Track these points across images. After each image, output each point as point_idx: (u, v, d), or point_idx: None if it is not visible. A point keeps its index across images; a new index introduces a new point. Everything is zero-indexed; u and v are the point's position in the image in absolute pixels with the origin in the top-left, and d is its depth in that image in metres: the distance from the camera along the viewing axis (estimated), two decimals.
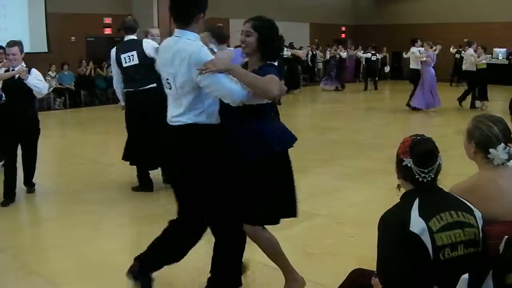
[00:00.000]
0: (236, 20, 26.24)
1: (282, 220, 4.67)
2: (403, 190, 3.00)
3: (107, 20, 22.41)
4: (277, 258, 4.52)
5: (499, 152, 3.04)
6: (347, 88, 24.96)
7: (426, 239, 2.71)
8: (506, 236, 2.82)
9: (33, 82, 7.21)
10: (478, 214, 2.88)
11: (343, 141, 11.74)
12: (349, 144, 11.69)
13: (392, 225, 2.77)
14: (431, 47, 16.65)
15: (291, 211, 4.44)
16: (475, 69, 17.44)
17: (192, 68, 3.83)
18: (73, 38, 20.48)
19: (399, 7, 32.09)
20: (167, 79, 4.04)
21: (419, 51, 16.64)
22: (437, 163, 2.88)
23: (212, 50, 6.22)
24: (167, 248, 4.55)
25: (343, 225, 6.54)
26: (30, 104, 7.49)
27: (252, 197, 4.10)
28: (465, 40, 23.73)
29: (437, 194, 2.90)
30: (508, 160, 3.08)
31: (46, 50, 19.10)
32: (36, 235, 6.27)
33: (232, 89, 3.81)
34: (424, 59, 16.06)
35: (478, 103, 17.47)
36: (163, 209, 7.02)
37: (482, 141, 3.09)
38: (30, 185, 7.80)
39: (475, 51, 17.52)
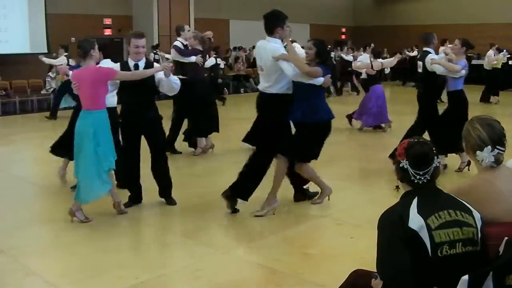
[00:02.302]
0: (236, 21, 26.34)
1: (282, 221, 6.51)
2: (402, 191, 3.03)
3: (107, 21, 22.44)
4: (313, 179, 7.18)
5: (485, 154, 3.09)
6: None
7: (425, 235, 2.75)
8: (506, 238, 2.82)
9: (173, 79, 6.93)
10: (477, 215, 2.90)
11: (343, 142, 11.73)
12: (350, 145, 11.70)
13: (391, 222, 2.81)
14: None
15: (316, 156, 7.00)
16: (490, 68, 19.33)
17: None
18: (73, 38, 20.46)
19: (399, 8, 32.14)
20: (261, 65, 6.83)
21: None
22: (434, 165, 2.92)
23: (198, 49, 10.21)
24: (250, 173, 6.91)
25: (343, 226, 6.54)
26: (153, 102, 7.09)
27: (302, 144, 6.75)
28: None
29: (436, 194, 2.95)
30: (495, 162, 3.12)
31: (46, 51, 19.08)
32: (36, 236, 6.26)
33: (289, 69, 6.50)
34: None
35: (493, 99, 19.15)
36: (157, 210, 7.06)
37: (471, 143, 3.16)
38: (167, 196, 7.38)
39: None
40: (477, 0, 28.79)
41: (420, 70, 9.12)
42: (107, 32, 22.43)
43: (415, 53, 23.78)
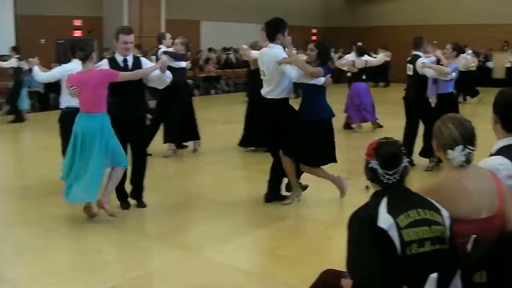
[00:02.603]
0: (206, 22, 26.27)
1: (251, 222, 6.57)
2: (372, 191, 3.04)
3: (77, 23, 22.21)
4: (324, 176, 7.35)
5: (456, 153, 3.11)
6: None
7: (394, 234, 2.77)
8: (474, 235, 2.85)
9: (167, 73, 7.01)
10: (445, 213, 2.93)
11: None
12: None
13: (360, 221, 2.83)
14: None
15: (331, 159, 7.25)
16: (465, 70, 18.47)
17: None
18: (42, 40, 20.25)
19: (370, 9, 32.31)
20: (263, 70, 7.22)
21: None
22: (402, 165, 2.95)
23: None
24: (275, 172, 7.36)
25: (313, 226, 6.57)
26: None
27: (307, 146, 6.95)
28: (434, 42, 24.03)
29: (405, 193, 2.97)
30: (466, 162, 3.15)
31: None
32: (4, 240, 6.18)
33: (293, 71, 6.87)
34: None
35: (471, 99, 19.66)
36: (128, 212, 7.02)
37: (443, 142, 3.17)
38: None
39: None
40: (448, 2, 29.07)
41: (410, 73, 9.40)
42: (77, 33, 22.19)
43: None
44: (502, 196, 3.14)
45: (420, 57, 9.22)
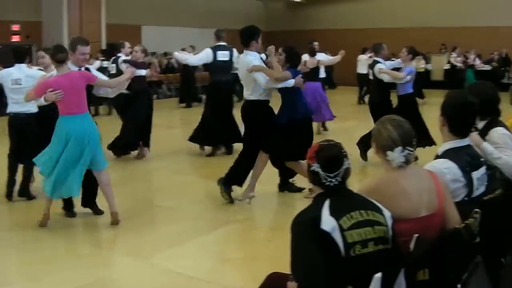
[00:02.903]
0: (148, 27, 26.06)
1: (196, 227, 6.55)
2: (315, 193, 3.07)
3: (15, 27, 21.73)
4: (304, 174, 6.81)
5: (395, 154, 3.18)
6: None
7: (337, 236, 2.80)
8: (416, 235, 2.91)
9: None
10: (387, 213, 2.98)
11: None
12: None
13: (304, 224, 2.84)
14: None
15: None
16: None
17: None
18: None
19: (311, 13, 32.58)
20: (240, 76, 7.62)
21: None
22: (344, 167, 2.98)
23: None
24: (238, 167, 7.50)
25: (259, 230, 6.59)
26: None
27: (286, 143, 7.13)
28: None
29: (347, 195, 3.01)
30: (405, 162, 3.21)
31: None
32: None
33: (261, 79, 7.16)
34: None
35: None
36: (71, 221, 6.91)
37: (382, 144, 3.23)
38: None
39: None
40: (388, 6, 29.61)
41: (371, 77, 10.27)
42: (15, 38, 21.70)
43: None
44: (441, 195, 3.21)
45: (379, 62, 9.71)
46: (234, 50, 10.73)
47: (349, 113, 16.62)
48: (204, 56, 10.78)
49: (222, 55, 10.71)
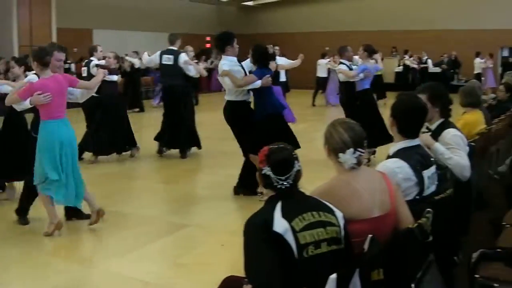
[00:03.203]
0: (99, 31, 25.81)
1: (151, 232, 6.53)
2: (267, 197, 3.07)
3: None
4: None
5: (347, 156, 3.20)
6: (217, 96, 25.13)
7: (290, 238, 2.80)
8: (370, 235, 2.93)
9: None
10: (339, 214, 3.00)
11: (210, 151, 11.74)
12: (216, 153, 11.67)
13: (256, 227, 2.84)
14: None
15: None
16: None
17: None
18: None
19: (262, 16, 32.78)
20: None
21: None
22: (295, 169, 2.99)
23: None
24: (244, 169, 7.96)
25: (213, 234, 6.55)
26: None
27: (255, 138, 7.24)
28: (326, 48, 24.76)
29: (299, 197, 3.02)
30: (357, 164, 3.24)
31: None
32: None
33: (229, 83, 7.65)
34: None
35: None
36: (21, 228, 6.77)
37: (334, 146, 3.26)
38: None
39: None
40: (342, 9, 29.99)
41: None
42: None
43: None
44: (394, 196, 3.25)
45: (343, 64, 10.45)
46: (182, 55, 10.80)
47: (302, 116, 16.70)
48: (153, 58, 11.17)
49: (167, 59, 10.89)
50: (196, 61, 12.15)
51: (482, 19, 26.62)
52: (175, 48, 10.92)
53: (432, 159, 3.91)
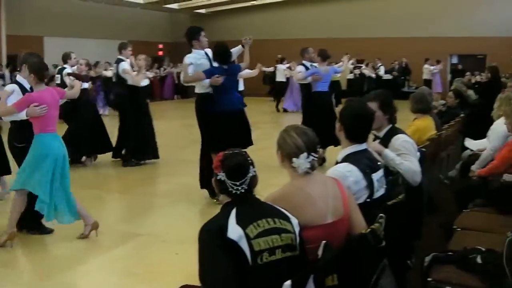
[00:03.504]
0: (50, 38, 25.46)
1: (104, 242, 6.44)
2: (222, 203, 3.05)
3: None
4: None
5: (301, 161, 3.21)
6: (169, 104, 25.07)
7: (244, 245, 2.78)
8: (324, 241, 2.93)
9: None
10: (294, 221, 2.99)
11: (166, 159, 11.67)
12: (171, 162, 11.62)
13: (210, 234, 2.82)
14: None
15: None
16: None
17: None
18: None
19: (215, 24, 32.80)
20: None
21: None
22: (250, 175, 2.97)
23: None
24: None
25: (167, 242, 6.50)
26: None
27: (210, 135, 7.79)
28: (279, 56, 24.94)
29: (254, 203, 3.00)
30: (311, 168, 3.25)
31: None
32: None
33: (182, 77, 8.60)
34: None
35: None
36: None
37: (287, 151, 3.26)
38: None
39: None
40: (293, 18, 30.30)
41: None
42: None
43: None
44: (346, 201, 3.28)
45: (304, 65, 11.16)
46: (122, 64, 10.87)
47: (255, 124, 16.73)
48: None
49: (114, 68, 11.39)
50: (146, 69, 12.07)
51: (432, 27, 27.22)
52: (121, 57, 10.93)
53: (379, 163, 3.96)
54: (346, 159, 3.75)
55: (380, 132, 4.85)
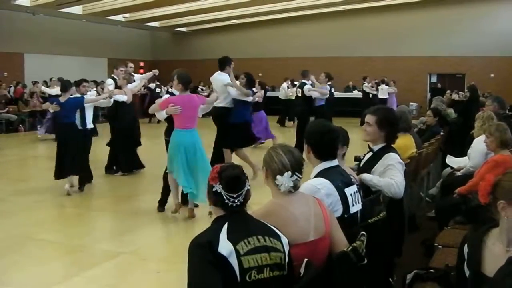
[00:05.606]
0: (31, 55, 25.39)
1: (83, 261, 6.40)
2: (214, 217, 3.04)
3: None
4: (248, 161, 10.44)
5: (285, 179, 3.22)
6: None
7: (234, 261, 2.78)
8: (306, 259, 2.94)
9: None
10: (285, 240, 2.99)
11: (144, 176, 11.63)
12: (150, 179, 11.54)
13: (201, 247, 2.80)
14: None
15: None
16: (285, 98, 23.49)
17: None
18: None
19: (195, 43, 32.96)
20: (215, 89, 10.65)
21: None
22: (246, 188, 2.99)
23: None
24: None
25: (148, 261, 6.46)
26: None
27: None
28: (260, 74, 25.09)
29: (246, 219, 3.00)
30: (294, 187, 3.26)
31: None
32: None
33: (233, 92, 10.44)
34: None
35: (288, 123, 23.27)
36: None
37: (273, 168, 3.28)
38: None
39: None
40: (272, 38, 30.51)
41: (299, 95, 14.44)
42: None
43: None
44: (328, 220, 3.28)
45: (306, 84, 14.13)
46: (108, 81, 11.83)
47: None
48: None
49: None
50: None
51: (411, 47, 27.54)
52: (114, 76, 11.74)
53: (352, 179, 4.00)
54: (318, 175, 3.78)
55: (375, 146, 4.90)
